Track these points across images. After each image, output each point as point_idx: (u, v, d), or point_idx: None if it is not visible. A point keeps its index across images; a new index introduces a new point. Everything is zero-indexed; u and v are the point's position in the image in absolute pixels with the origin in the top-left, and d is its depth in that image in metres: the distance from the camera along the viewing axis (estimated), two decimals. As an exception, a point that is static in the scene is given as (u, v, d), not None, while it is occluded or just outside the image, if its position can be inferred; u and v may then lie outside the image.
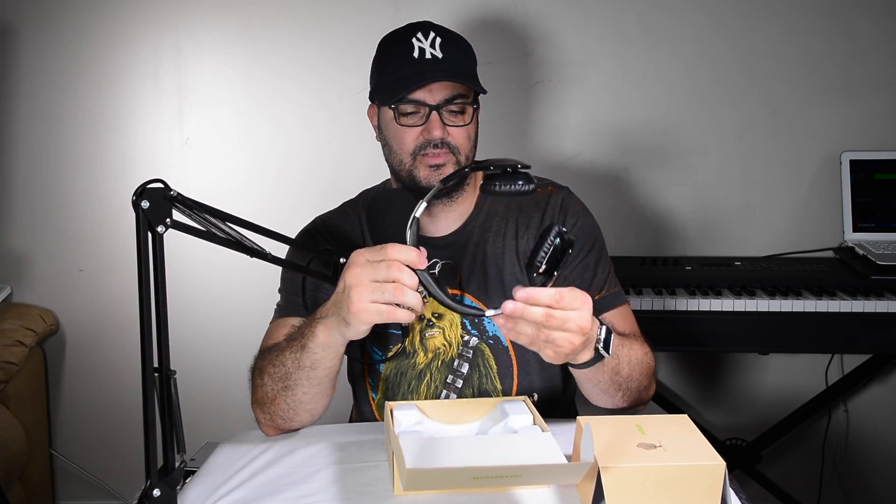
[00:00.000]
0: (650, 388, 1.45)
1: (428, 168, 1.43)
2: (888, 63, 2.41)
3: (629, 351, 1.36)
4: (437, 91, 1.41)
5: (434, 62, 1.42)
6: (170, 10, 2.45)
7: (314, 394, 1.34)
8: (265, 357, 1.39)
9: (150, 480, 1.07)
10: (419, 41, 1.43)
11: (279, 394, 1.35)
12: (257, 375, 1.39)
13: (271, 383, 1.35)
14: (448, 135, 1.43)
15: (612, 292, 1.52)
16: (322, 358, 1.29)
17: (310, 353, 1.29)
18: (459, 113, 1.44)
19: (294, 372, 1.32)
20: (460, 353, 1.49)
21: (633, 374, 1.37)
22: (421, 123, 1.43)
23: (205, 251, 1.72)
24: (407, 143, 1.44)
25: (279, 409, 1.36)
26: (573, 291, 1.15)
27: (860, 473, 2.59)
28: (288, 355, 1.32)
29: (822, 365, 2.50)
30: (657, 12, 2.42)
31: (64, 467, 2.64)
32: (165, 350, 1.09)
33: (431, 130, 1.42)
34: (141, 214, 1.05)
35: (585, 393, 1.42)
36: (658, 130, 2.47)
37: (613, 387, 1.35)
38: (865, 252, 2.22)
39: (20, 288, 2.56)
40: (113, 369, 2.58)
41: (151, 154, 2.52)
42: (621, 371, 1.34)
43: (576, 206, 1.55)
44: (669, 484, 1.08)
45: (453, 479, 1.09)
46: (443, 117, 1.42)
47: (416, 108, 1.43)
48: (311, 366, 1.30)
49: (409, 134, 1.44)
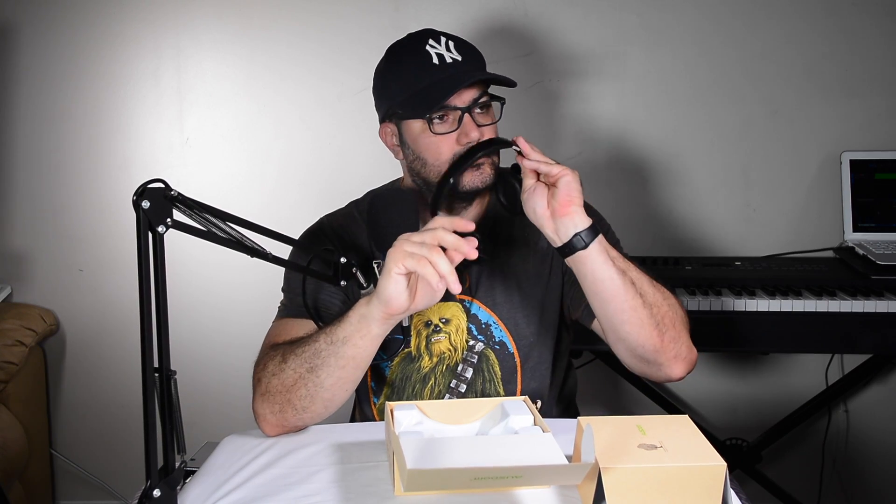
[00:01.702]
0: (688, 343, 1.38)
1: (470, 172, 1.41)
2: (888, 63, 2.41)
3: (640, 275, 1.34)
4: (465, 93, 1.40)
5: (455, 65, 1.40)
6: (170, 10, 2.45)
7: (337, 377, 1.31)
8: (284, 348, 1.36)
9: (150, 480, 1.07)
10: (433, 47, 1.41)
11: (301, 377, 1.32)
12: (271, 365, 1.36)
13: (294, 366, 1.32)
14: (483, 136, 1.41)
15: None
16: (356, 331, 1.28)
17: (346, 324, 1.28)
18: (487, 111, 1.44)
19: (325, 348, 1.30)
20: (465, 357, 1.49)
21: (658, 302, 1.33)
22: (453, 129, 1.40)
23: (205, 251, 1.71)
24: (444, 152, 1.41)
25: (295, 397, 1.33)
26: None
27: (860, 473, 2.59)
28: (321, 335, 1.31)
29: (822, 365, 2.50)
30: (657, 12, 2.42)
31: (64, 467, 2.64)
32: (166, 350, 1.09)
33: (469, 133, 1.40)
34: (141, 214, 1.05)
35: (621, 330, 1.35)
36: (658, 130, 2.47)
37: (645, 308, 1.31)
38: (865, 252, 2.22)
39: (20, 288, 2.56)
40: (113, 369, 2.58)
41: (151, 154, 2.52)
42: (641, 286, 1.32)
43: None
44: (670, 484, 1.07)
45: (454, 479, 1.09)
46: (475, 119, 1.41)
47: (445, 114, 1.40)
48: (343, 340, 1.28)
49: (444, 142, 1.41)
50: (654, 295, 1.34)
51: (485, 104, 1.43)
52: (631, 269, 1.34)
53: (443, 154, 1.42)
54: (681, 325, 1.38)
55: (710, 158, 2.47)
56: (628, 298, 1.31)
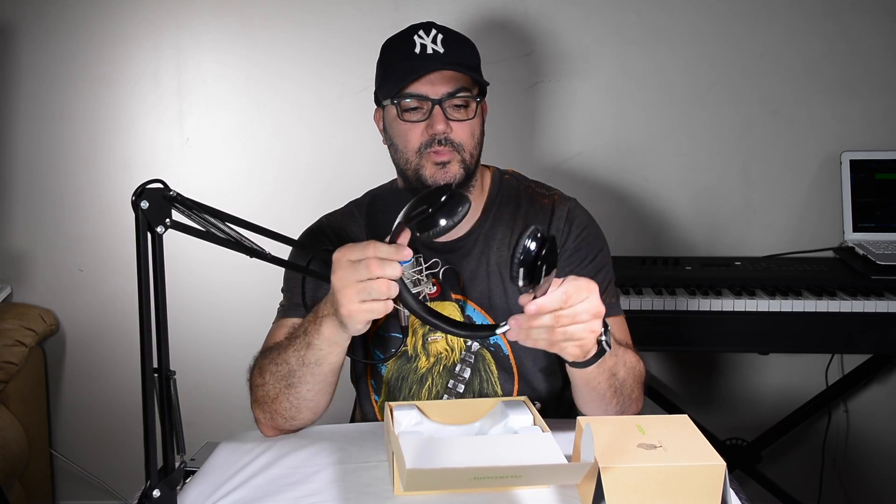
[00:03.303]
0: (640, 400, 1.43)
1: (434, 165, 1.41)
2: (888, 63, 2.41)
3: (623, 354, 1.36)
4: (438, 85, 1.40)
5: (435, 56, 1.41)
6: (170, 10, 2.45)
7: (318, 391, 1.35)
8: (265, 357, 1.39)
9: (149, 481, 1.07)
10: (420, 38, 1.42)
11: (282, 392, 1.35)
12: (257, 375, 1.39)
13: (273, 382, 1.35)
14: (451, 130, 1.41)
15: (609, 302, 1.50)
16: (328, 354, 1.29)
17: (315, 349, 1.29)
18: (463, 107, 1.42)
19: (298, 369, 1.32)
20: (463, 357, 1.49)
21: (627, 378, 1.36)
22: (424, 119, 1.41)
23: (204, 251, 1.72)
24: (412, 141, 1.42)
25: (281, 408, 1.36)
26: (576, 282, 1.13)
27: (860, 473, 2.59)
28: (291, 353, 1.32)
29: (822, 365, 2.50)
30: (657, 12, 2.42)
31: (64, 467, 2.64)
32: (165, 350, 1.09)
33: (434, 125, 1.40)
34: (140, 215, 1.05)
35: (580, 401, 1.40)
36: (658, 130, 2.47)
37: (610, 391, 1.34)
38: (865, 252, 2.22)
39: (20, 288, 2.56)
40: (113, 369, 2.58)
41: (151, 154, 2.52)
42: (618, 373, 1.34)
43: (582, 217, 1.54)
44: (670, 484, 1.08)
45: (453, 479, 1.09)
46: (446, 112, 1.40)
47: (419, 103, 1.41)
48: (317, 362, 1.30)
49: (413, 130, 1.42)
50: (625, 374, 1.36)
51: (466, 98, 1.42)
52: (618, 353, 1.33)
53: (410, 142, 1.42)
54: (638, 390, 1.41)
55: (710, 158, 2.47)
56: (604, 391, 1.34)
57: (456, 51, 1.43)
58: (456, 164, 1.42)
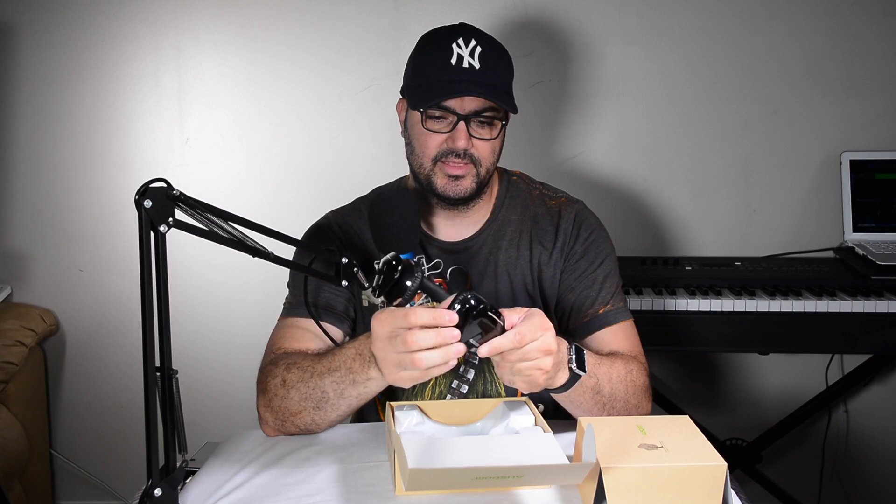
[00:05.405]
0: (642, 406, 1.42)
1: (447, 177, 1.42)
2: (888, 63, 2.41)
3: (609, 369, 1.35)
4: (468, 101, 1.39)
5: (470, 72, 1.39)
6: (170, 10, 2.45)
7: (344, 414, 1.36)
8: (288, 369, 1.36)
9: (151, 480, 1.08)
10: (459, 47, 1.39)
11: (307, 410, 1.34)
12: (279, 385, 1.35)
13: (300, 399, 1.33)
14: (472, 146, 1.41)
15: (617, 308, 1.50)
16: (373, 392, 1.30)
17: (360, 386, 1.28)
18: (487, 125, 1.42)
19: (335, 399, 1.31)
20: (467, 359, 1.49)
21: (616, 392, 1.36)
22: (447, 131, 1.41)
23: (207, 251, 1.72)
24: (430, 148, 1.42)
25: (300, 421, 1.35)
26: (530, 320, 1.16)
27: (860, 473, 2.60)
28: (329, 382, 1.30)
29: (822, 365, 2.50)
30: (657, 12, 2.42)
31: (64, 467, 2.64)
32: (167, 349, 1.09)
33: (456, 140, 1.40)
34: (143, 214, 1.05)
35: (571, 414, 1.40)
36: (658, 130, 2.47)
37: (597, 406, 1.34)
38: (865, 252, 2.22)
39: (20, 288, 2.56)
40: (113, 369, 2.58)
41: (151, 154, 2.52)
42: (602, 390, 1.33)
43: (590, 220, 1.54)
44: (671, 484, 1.08)
45: (455, 479, 1.09)
46: (470, 128, 1.40)
47: (444, 114, 1.40)
48: (357, 396, 1.31)
49: (433, 139, 1.42)
50: (612, 389, 1.36)
51: (491, 118, 1.41)
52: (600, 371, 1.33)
53: (428, 149, 1.42)
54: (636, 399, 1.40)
55: (710, 158, 2.47)
56: (591, 408, 1.35)
57: (491, 69, 1.41)
58: (469, 179, 1.43)
